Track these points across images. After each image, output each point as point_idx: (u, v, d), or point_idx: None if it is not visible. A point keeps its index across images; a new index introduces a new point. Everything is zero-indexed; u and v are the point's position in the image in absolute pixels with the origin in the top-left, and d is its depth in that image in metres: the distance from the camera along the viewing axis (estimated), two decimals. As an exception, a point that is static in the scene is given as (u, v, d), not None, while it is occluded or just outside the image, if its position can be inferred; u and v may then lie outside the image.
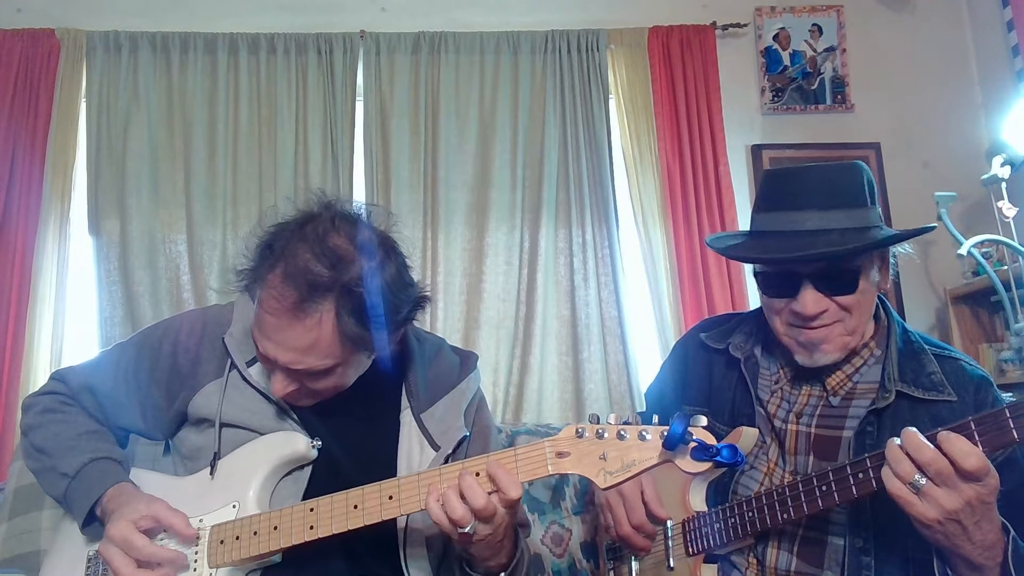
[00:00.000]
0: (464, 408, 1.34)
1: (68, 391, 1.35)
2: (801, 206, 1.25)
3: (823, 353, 1.26)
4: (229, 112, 3.06)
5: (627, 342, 3.00)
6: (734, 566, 1.32)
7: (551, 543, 1.80)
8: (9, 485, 1.59)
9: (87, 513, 1.22)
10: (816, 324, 1.24)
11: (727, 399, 1.40)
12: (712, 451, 0.96)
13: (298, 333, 1.11)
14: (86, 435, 1.29)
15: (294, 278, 1.10)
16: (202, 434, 1.28)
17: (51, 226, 2.91)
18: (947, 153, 3.29)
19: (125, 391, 1.32)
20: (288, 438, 1.24)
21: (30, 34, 3.03)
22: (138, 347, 1.34)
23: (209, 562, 1.17)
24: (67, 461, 1.25)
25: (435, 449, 1.27)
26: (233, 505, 1.21)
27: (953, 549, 1.04)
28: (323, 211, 1.18)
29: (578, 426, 1.05)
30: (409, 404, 1.32)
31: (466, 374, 1.38)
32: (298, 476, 1.25)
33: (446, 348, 1.43)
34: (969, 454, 0.97)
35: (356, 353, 1.18)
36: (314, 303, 1.10)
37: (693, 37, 3.23)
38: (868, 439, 1.22)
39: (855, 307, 1.24)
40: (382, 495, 1.12)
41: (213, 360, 1.29)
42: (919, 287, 3.23)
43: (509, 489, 1.04)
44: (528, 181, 3.12)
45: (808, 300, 1.22)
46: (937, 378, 1.24)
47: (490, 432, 1.39)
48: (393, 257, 1.20)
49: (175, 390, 1.29)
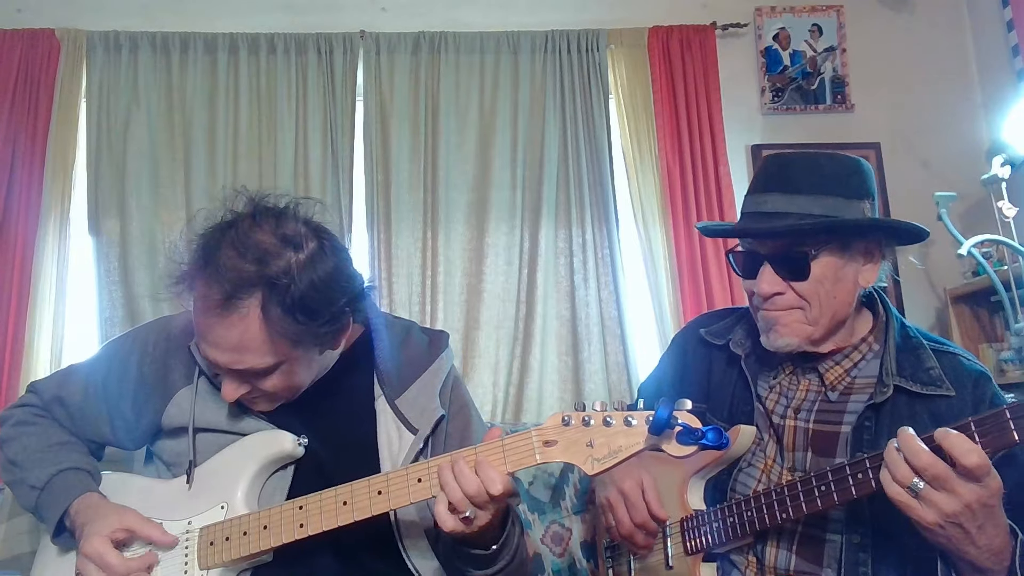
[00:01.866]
0: (439, 388, 1.32)
1: (40, 402, 1.35)
2: (767, 189, 1.29)
3: (778, 335, 1.26)
4: (229, 112, 3.06)
5: (627, 342, 3.00)
6: (733, 565, 1.32)
7: (551, 543, 1.80)
8: (9, 485, 1.60)
9: (56, 523, 1.22)
10: (771, 307, 1.26)
11: (726, 396, 1.40)
12: (697, 434, 0.96)
13: (227, 331, 1.11)
14: (55, 447, 1.29)
15: (219, 277, 1.10)
16: (181, 441, 1.28)
17: (51, 226, 2.91)
18: (947, 153, 3.29)
19: (95, 403, 1.32)
20: (274, 437, 1.23)
21: (30, 34, 3.03)
22: (108, 360, 1.34)
23: (200, 564, 1.18)
24: (35, 473, 1.25)
25: (413, 432, 1.26)
26: (221, 506, 1.20)
27: (957, 553, 1.03)
28: (247, 208, 1.18)
29: (564, 414, 1.04)
30: (382, 392, 1.30)
31: (436, 354, 1.35)
32: (282, 475, 1.25)
33: (415, 330, 1.41)
34: (969, 451, 0.97)
35: (296, 349, 1.16)
36: (239, 299, 1.09)
37: (693, 37, 3.23)
38: (866, 434, 1.22)
39: (813, 297, 1.24)
40: (371, 490, 1.11)
41: (181, 368, 1.29)
42: (919, 287, 3.23)
43: (491, 485, 1.03)
44: (528, 181, 3.12)
45: (763, 280, 1.25)
46: (935, 373, 1.23)
47: (469, 410, 1.37)
48: (326, 248, 1.17)
49: (142, 401, 1.30)
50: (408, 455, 1.23)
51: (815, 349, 1.29)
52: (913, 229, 1.27)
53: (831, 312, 1.25)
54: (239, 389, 1.18)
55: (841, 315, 1.27)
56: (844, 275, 1.25)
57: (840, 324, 1.29)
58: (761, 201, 1.29)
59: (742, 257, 1.32)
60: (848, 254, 1.25)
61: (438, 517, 1.07)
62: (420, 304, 3.01)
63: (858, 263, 1.27)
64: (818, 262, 1.23)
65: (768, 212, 1.26)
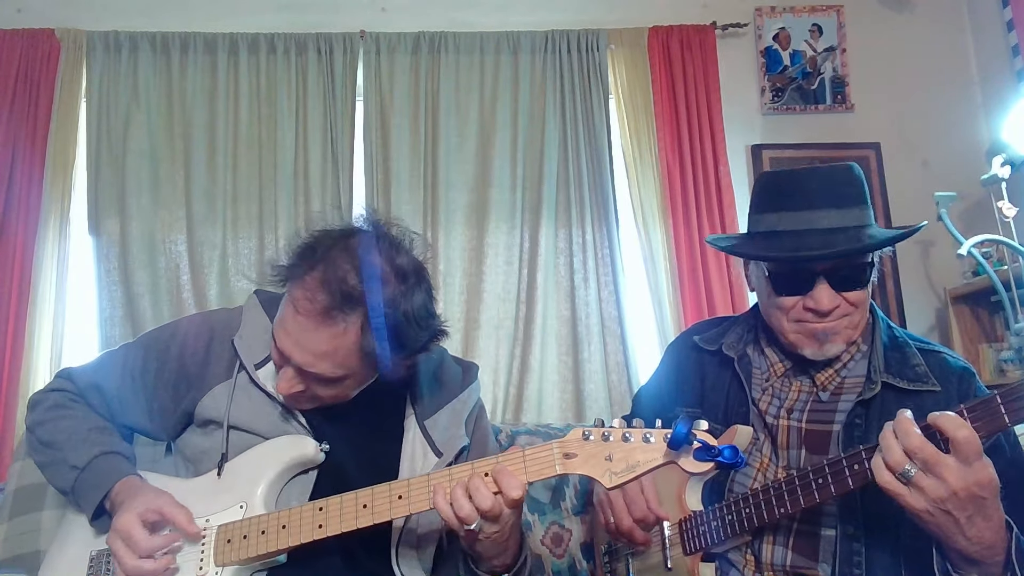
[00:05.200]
0: (465, 417, 1.38)
1: (75, 389, 1.37)
2: (816, 205, 1.29)
3: (833, 344, 1.30)
4: (229, 112, 3.06)
5: (627, 342, 3.00)
6: (732, 564, 1.33)
7: (551, 543, 1.80)
8: (9, 485, 1.59)
9: (96, 505, 1.24)
10: (829, 319, 1.28)
11: (720, 398, 1.43)
12: (714, 452, 0.99)
13: (321, 338, 1.14)
14: (95, 430, 1.31)
15: (330, 284, 1.13)
16: (207, 436, 1.29)
17: (51, 226, 2.91)
18: (947, 153, 3.29)
19: (132, 391, 1.34)
20: (296, 441, 1.25)
21: (30, 34, 3.03)
22: (145, 348, 1.36)
23: (215, 561, 1.18)
24: (77, 454, 1.27)
25: (438, 456, 1.30)
26: (240, 506, 1.22)
27: (947, 542, 1.06)
28: (370, 228, 1.22)
29: (584, 428, 1.08)
30: (413, 411, 1.35)
31: (468, 384, 1.42)
32: (303, 480, 1.27)
33: (448, 358, 1.47)
34: (960, 427, 1.00)
35: (366, 369, 1.21)
36: (343, 313, 1.13)
37: (693, 37, 3.23)
38: (857, 431, 1.25)
39: (861, 303, 1.29)
40: (392, 494, 1.14)
41: (222, 362, 1.31)
42: (919, 287, 3.23)
43: (510, 490, 1.07)
44: (528, 181, 3.12)
45: (823, 296, 1.26)
46: (921, 370, 1.28)
47: (488, 440, 1.43)
48: (423, 287, 1.22)
49: (182, 391, 1.31)
50: None
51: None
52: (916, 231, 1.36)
53: (865, 314, 1.32)
54: (296, 386, 1.20)
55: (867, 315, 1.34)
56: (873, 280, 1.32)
57: None
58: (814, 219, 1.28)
59: (790, 276, 1.30)
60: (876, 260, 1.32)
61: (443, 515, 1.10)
62: (420, 304, 3.00)
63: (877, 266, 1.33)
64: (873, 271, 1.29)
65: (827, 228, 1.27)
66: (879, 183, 3.24)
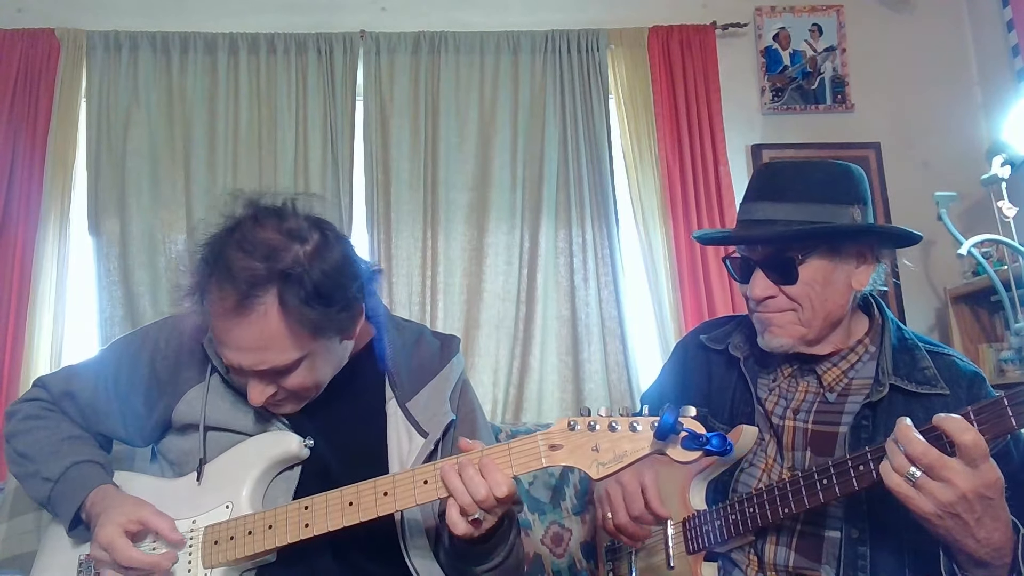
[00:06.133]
0: (448, 393, 1.33)
1: (50, 397, 1.36)
2: (757, 198, 1.33)
3: (772, 336, 1.31)
4: (229, 112, 3.06)
5: (627, 342, 3.00)
6: (735, 564, 1.32)
7: (551, 543, 1.80)
8: (9, 485, 1.59)
9: (72, 516, 1.23)
10: (764, 309, 1.30)
11: (726, 398, 1.42)
12: (702, 440, 0.98)
13: (247, 331, 1.12)
14: (68, 440, 1.30)
15: (231, 280, 1.11)
16: (188, 439, 1.29)
17: (51, 226, 2.90)
18: (947, 153, 3.29)
19: (105, 398, 1.33)
20: (280, 438, 1.24)
21: (30, 34, 3.02)
22: (118, 355, 1.35)
23: (204, 563, 1.18)
24: (50, 466, 1.26)
25: (423, 436, 1.27)
26: (226, 506, 1.21)
27: (956, 545, 1.05)
28: (247, 210, 1.19)
29: (570, 419, 1.06)
30: (393, 394, 1.32)
31: (448, 358, 1.37)
32: (288, 476, 1.25)
33: (427, 334, 1.43)
34: (965, 430, 0.99)
35: (317, 340, 1.17)
36: (255, 298, 1.11)
37: (693, 37, 3.23)
38: (864, 433, 1.24)
39: (803, 299, 1.27)
40: (376, 492, 1.12)
41: (193, 366, 1.30)
42: (919, 287, 3.23)
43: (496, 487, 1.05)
44: (528, 181, 3.12)
45: (755, 284, 1.30)
46: (930, 372, 1.26)
47: (476, 415, 1.39)
48: (330, 237, 1.19)
49: (154, 398, 1.30)
50: (418, 459, 1.24)
51: (812, 350, 1.32)
52: (902, 233, 1.30)
53: (824, 313, 1.28)
54: (265, 391, 1.18)
55: (835, 316, 1.30)
56: (835, 278, 1.28)
57: (835, 325, 1.32)
58: (752, 209, 1.34)
59: (738, 263, 1.37)
60: (839, 258, 1.28)
61: (450, 521, 1.07)
62: (420, 304, 3.01)
63: (850, 266, 1.29)
64: (806, 266, 1.27)
65: (757, 220, 1.31)
66: (879, 183, 3.24)
